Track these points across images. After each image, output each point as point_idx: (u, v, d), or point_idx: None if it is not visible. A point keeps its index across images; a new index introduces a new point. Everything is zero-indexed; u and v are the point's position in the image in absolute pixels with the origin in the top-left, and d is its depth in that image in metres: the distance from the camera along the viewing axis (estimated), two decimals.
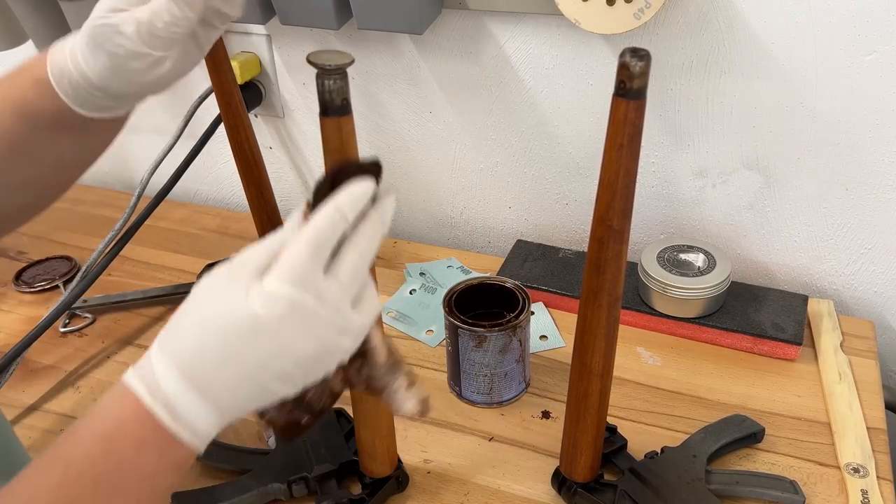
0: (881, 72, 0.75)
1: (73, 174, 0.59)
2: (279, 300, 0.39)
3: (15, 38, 1.03)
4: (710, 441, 0.69)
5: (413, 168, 1.03)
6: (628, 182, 0.50)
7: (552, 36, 0.86)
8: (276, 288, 0.39)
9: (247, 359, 0.40)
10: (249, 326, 0.39)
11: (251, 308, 0.39)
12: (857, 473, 0.67)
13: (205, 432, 0.41)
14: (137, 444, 0.40)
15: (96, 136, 0.56)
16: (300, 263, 0.40)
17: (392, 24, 0.83)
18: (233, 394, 0.40)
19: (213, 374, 0.40)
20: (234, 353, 0.40)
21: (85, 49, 0.50)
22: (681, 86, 0.83)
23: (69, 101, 0.52)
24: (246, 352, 0.40)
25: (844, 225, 0.86)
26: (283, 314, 0.39)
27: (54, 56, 0.52)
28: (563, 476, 0.66)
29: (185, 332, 0.41)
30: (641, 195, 0.92)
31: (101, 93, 0.51)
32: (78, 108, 0.52)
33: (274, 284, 0.39)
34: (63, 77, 0.51)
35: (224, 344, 0.40)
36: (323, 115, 0.49)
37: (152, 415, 0.40)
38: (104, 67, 0.50)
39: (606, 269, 0.54)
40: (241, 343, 0.39)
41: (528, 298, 0.75)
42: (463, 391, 0.77)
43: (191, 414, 0.40)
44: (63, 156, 0.56)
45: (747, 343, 0.81)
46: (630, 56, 0.46)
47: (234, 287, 0.40)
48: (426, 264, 0.97)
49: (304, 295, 0.40)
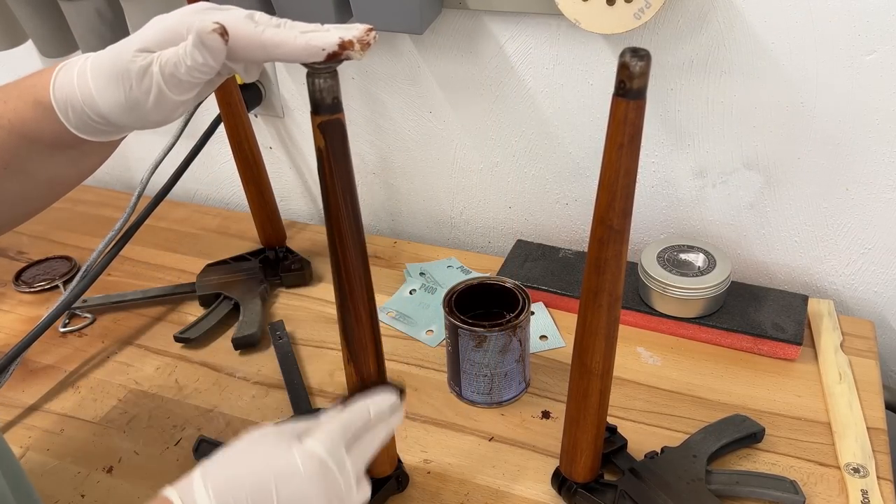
0: (881, 72, 0.75)
1: (66, 189, 0.59)
2: (314, 458, 0.49)
3: (15, 38, 1.03)
4: (711, 441, 0.69)
5: (413, 168, 1.03)
6: (628, 182, 0.50)
7: (552, 36, 0.86)
8: (313, 447, 0.49)
9: (274, 498, 0.47)
10: (288, 472, 0.48)
11: (292, 458, 0.48)
12: (857, 473, 0.67)
13: None
14: None
15: (93, 156, 0.57)
16: (335, 435, 0.51)
17: (392, 24, 0.83)
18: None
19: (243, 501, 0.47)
20: (266, 491, 0.47)
21: (100, 81, 0.50)
22: (681, 86, 0.83)
23: (71, 126, 0.52)
24: (276, 490, 0.47)
25: (844, 225, 0.86)
26: (315, 470, 0.48)
27: (60, 81, 0.51)
28: (563, 476, 0.66)
29: (228, 466, 0.48)
30: (641, 195, 0.92)
31: (106, 123, 0.52)
32: (78, 132, 0.52)
33: (312, 444, 0.49)
34: (67, 104, 0.51)
35: (260, 482, 0.47)
36: (314, 114, 0.49)
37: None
38: (118, 103, 0.50)
39: (606, 269, 0.54)
40: (275, 482, 0.47)
41: (528, 298, 0.75)
42: (463, 391, 0.77)
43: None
44: (58, 173, 0.56)
45: (747, 343, 0.81)
46: (630, 56, 0.46)
47: (280, 441, 0.49)
48: (426, 264, 0.97)
49: (331, 460, 0.49)
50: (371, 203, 1.09)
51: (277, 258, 0.96)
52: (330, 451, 0.50)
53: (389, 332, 0.87)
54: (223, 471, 0.48)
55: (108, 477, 0.71)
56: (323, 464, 0.49)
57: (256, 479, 0.47)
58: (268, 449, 0.49)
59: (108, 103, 0.50)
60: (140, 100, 0.50)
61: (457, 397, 0.78)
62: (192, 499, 0.46)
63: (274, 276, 0.95)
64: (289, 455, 0.48)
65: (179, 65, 0.48)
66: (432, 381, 0.80)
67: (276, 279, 0.95)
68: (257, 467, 0.48)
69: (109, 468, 0.72)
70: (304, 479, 0.48)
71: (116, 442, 0.75)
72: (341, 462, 0.50)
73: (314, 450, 0.49)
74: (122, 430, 0.76)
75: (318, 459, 0.49)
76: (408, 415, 0.76)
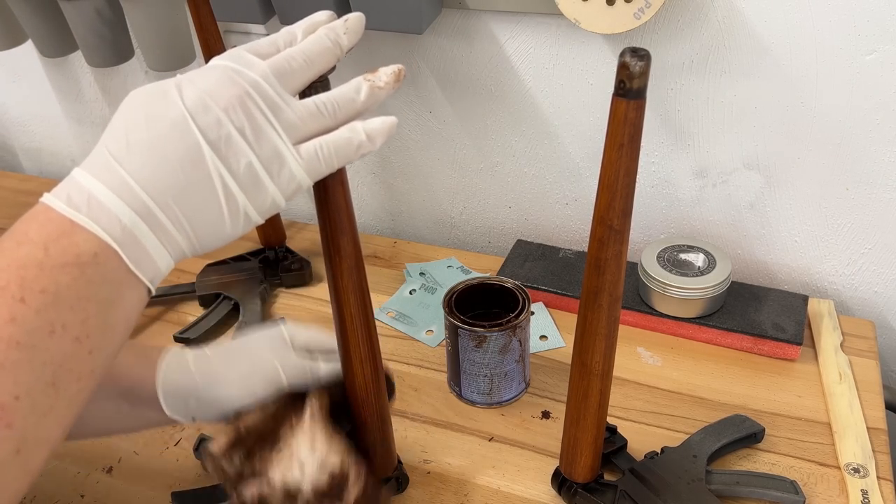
0: (881, 72, 0.75)
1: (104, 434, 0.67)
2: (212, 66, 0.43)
3: (15, 38, 1.03)
4: (711, 441, 0.69)
5: (413, 168, 1.03)
6: (628, 182, 0.50)
7: (552, 36, 0.85)
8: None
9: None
10: (172, 84, 0.43)
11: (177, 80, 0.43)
12: (857, 473, 0.67)
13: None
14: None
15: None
16: (232, 51, 0.44)
17: (392, 24, 0.83)
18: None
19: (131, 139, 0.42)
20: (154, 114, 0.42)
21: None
22: (681, 86, 0.83)
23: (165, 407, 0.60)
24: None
25: (845, 225, 0.86)
26: (214, 75, 0.43)
27: (168, 401, 0.59)
28: (563, 476, 0.66)
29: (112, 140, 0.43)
30: (641, 195, 0.92)
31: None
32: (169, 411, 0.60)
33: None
34: (168, 403, 0.59)
35: (147, 113, 0.42)
36: None
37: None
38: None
39: (606, 269, 0.54)
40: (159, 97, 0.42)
41: (528, 298, 0.75)
42: (463, 391, 0.77)
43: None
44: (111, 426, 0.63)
45: (748, 343, 0.81)
46: (630, 56, 0.46)
47: (158, 87, 0.43)
48: (426, 264, 0.97)
49: (232, 62, 0.43)
50: (371, 203, 1.09)
51: (277, 258, 0.96)
52: (227, 57, 0.44)
53: (389, 332, 0.87)
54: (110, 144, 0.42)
55: (107, 477, 0.71)
56: (220, 67, 0.43)
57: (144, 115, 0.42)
58: (147, 98, 0.43)
59: (202, 416, 0.61)
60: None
61: (457, 397, 0.78)
62: (84, 192, 0.41)
63: (274, 276, 0.95)
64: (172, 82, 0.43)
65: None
66: (432, 382, 0.80)
67: (276, 279, 0.95)
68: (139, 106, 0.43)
69: (109, 468, 0.72)
70: (193, 77, 0.43)
71: (116, 442, 0.75)
72: (248, 62, 0.44)
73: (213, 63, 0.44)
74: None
75: (208, 67, 0.44)
76: (408, 415, 0.77)
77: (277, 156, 0.44)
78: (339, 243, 0.53)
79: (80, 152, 1.25)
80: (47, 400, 0.39)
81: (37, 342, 0.38)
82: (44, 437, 0.40)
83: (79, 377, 0.40)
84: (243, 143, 0.42)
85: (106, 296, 0.41)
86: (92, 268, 0.40)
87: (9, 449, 0.38)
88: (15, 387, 0.38)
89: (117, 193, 0.40)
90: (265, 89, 0.43)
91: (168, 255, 0.43)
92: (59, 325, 0.39)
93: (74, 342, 0.39)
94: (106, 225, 0.40)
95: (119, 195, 0.41)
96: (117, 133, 0.42)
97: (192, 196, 0.42)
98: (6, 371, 0.37)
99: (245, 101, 0.42)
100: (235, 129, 0.42)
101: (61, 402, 0.40)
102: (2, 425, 0.37)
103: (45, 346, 0.38)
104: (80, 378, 0.40)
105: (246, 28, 0.99)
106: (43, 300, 0.38)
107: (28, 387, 0.38)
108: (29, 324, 0.38)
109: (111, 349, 0.42)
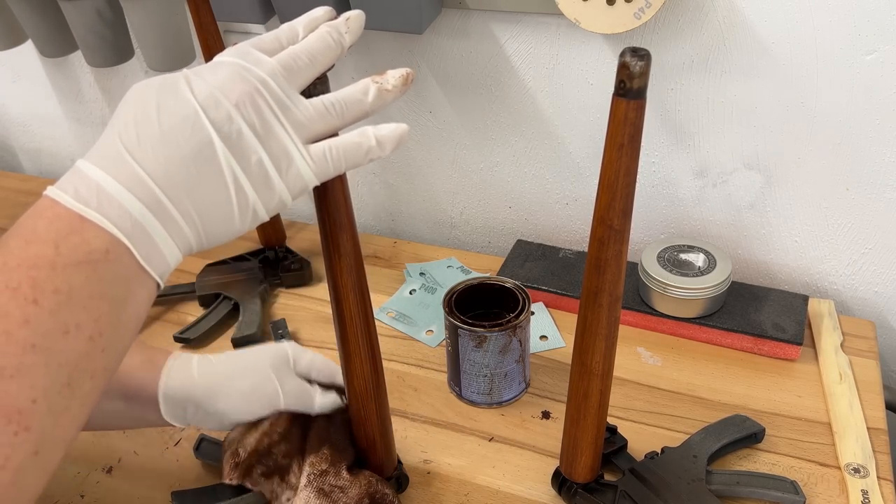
0: (881, 72, 0.75)
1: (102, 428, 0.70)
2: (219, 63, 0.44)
3: (15, 38, 1.03)
4: (711, 441, 0.69)
5: (413, 168, 1.03)
6: (628, 182, 0.50)
7: (552, 36, 0.85)
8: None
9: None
10: (182, 78, 0.43)
11: (184, 73, 0.43)
12: (857, 474, 0.67)
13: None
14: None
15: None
16: (239, 46, 0.45)
17: (392, 24, 0.83)
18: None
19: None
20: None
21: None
22: (681, 85, 0.83)
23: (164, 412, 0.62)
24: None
25: (845, 225, 0.86)
26: (223, 71, 0.43)
27: (168, 406, 0.61)
28: (563, 476, 0.66)
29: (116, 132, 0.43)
30: (641, 195, 0.92)
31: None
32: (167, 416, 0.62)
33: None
34: (167, 408, 0.62)
35: (158, 104, 0.42)
36: None
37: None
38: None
39: (606, 269, 0.53)
40: (169, 89, 0.42)
41: (528, 298, 0.75)
42: (463, 391, 0.77)
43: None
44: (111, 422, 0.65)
45: (748, 343, 0.81)
46: (630, 56, 0.46)
47: (166, 80, 0.43)
48: (426, 264, 0.97)
49: (239, 58, 0.43)
50: (371, 203, 1.09)
51: (277, 258, 0.96)
52: (235, 53, 0.44)
53: (389, 332, 0.87)
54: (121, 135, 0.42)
55: (107, 477, 0.71)
56: (229, 63, 0.43)
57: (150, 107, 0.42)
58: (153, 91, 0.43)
59: (199, 422, 0.64)
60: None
61: (457, 397, 0.78)
62: (91, 184, 0.41)
63: (274, 276, 0.95)
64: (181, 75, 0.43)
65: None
66: (432, 382, 0.80)
67: (276, 279, 0.95)
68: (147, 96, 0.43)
69: (109, 468, 0.72)
70: (204, 72, 0.43)
71: (116, 442, 0.75)
72: (256, 59, 0.44)
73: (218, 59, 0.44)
74: (122, 431, 0.76)
75: (217, 63, 0.44)
76: (408, 415, 0.76)
77: (286, 154, 0.44)
78: (339, 240, 0.53)
79: (80, 152, 1.25)
80: (63, 401, 0.39)
81: (51, 344, 0.38)
82: (60, 436, 0.40)
83: (92, 375, 0.40)
84: (254, 140, 0.42)
85: (118, 293, 0.41)
86: (104, 265, 0.40)
87: (28, 451, 0.38)
88: (32, 391, 0.38)
89: (127, 187, 0.40)
90: (274, 87, 0.43)
91: (177, 249, 0.43)
92: (73, 325, 0.39)
93: (88, 341, 0.39)
94: (116, 219, 0.40)
95: (129, 188, 0.40)
96: (126, 126, 0.42)
97: (204, 190, 0.42)
98: (23, 375, 0.37)
99: (255, 97, 0.42)
100: (246, 125, 0.42)
101: (76, 401, 0.40)
102: (20, 429, 0.37)
103: (59, 347, 0.38)
104: (94, 376, 0.41)
105: (246, 28, 0.99)
106: (56, 301, 0.38)
107: (44, 389, 0.38)
108: (43, 326, 0.38)
109: (123, 345, 0.42)
